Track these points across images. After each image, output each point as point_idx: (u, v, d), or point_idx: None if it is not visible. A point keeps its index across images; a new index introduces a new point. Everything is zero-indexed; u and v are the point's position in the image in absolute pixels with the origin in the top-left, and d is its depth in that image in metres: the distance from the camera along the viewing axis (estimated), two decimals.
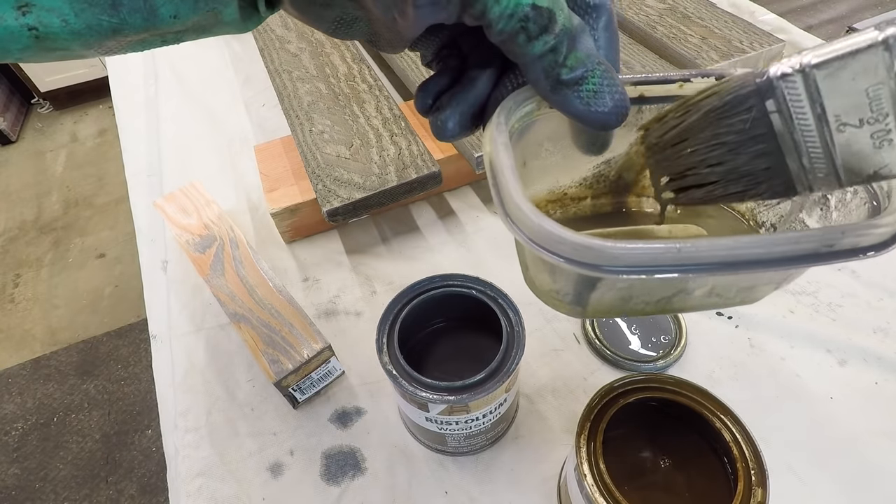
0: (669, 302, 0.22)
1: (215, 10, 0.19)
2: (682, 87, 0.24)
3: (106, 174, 1.94)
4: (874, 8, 0.81)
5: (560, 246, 0.18)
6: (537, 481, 0.38)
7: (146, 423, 1.28)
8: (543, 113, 0.24)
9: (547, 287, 0.23)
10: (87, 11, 0.17)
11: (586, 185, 0.28)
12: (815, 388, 0.41)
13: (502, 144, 0.21)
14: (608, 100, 0.20)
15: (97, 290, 1.57)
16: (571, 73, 0.20)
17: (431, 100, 0.24)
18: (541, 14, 0.19)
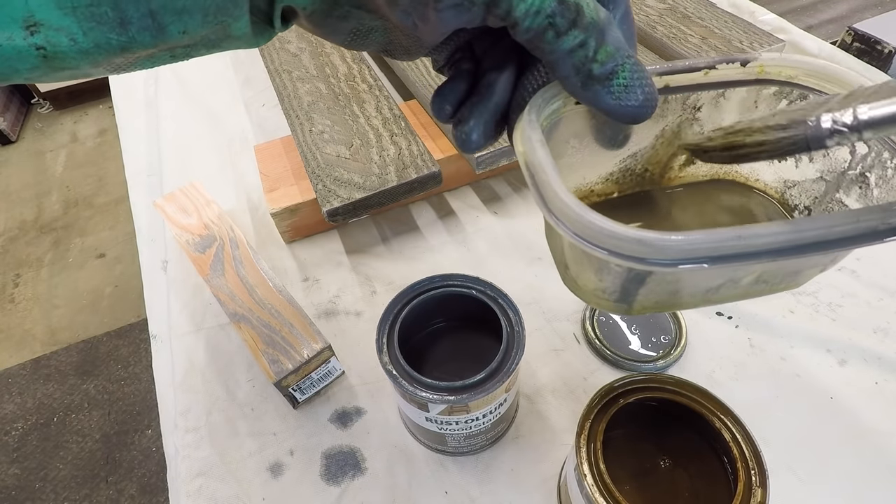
0: (716, 292, 0.22)
1: (224, 23, 0.19)
2: (707, 75, 0.24)
3: (106, 174, 1.94)
4: (874, 8, 0.81)
5: (612, 241, 0.17)
6: (537, 481, 0.38)
7: (146, 423, 1.28)
8: (569, 109, 0.23)
9: (592, 286, 0.22)
10: (96, 30, 0.17)
11: (612, 181, 0.28)
12: (815, 388, 0.41)
13: (538, 141, 0.20)
14: (639, 93, 0.19)
15: (97, 290, 1.57)
16: (602, 68, 0.19)
17: (450, 107, 0.23)
18: (568, 8, 0.18)
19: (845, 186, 0.24)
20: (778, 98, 0.25)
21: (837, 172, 0.24)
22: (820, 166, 0.25)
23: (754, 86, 0.24)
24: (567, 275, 0.24)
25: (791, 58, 0.23)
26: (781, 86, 0.24)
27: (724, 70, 0.24)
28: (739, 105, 0.26)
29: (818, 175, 0.25)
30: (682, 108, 0.26)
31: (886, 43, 0.65)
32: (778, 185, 0.27)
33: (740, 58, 0.24)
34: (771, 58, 0.24)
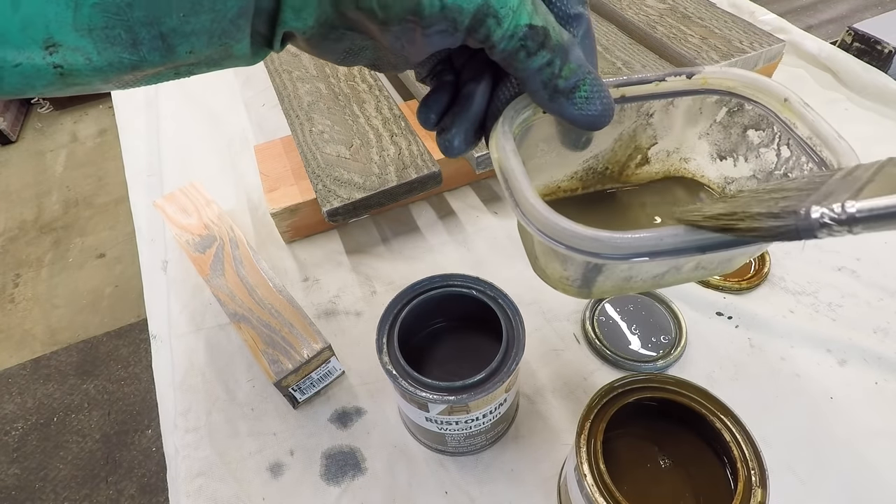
0: (663, 278, 0.25)
1: (227, 45, 0.20)
2: (658, 86, 0.27)
3: (106, 174, 1.94)
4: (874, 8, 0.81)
5: (573, 239, 0.20)
6: (537, 481, 0.38)
7: (146, 423, 1.28)
8: (538, 118, 0.26)
9: (557, 275, 0.25)
10: (110, 50, 0.18)
11: (577, 178, 0.31)
12: (815, 388, 0.41)
13: (511, 150, 0.23)
14: (598, 104, 0.22)
15: (97, 290, 1.57)
16: (566, 83, 0.22)
17: (434, 116, 0.26)
18: (537, 32, 0.21)
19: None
20: (719, 105, 0.28)
21: (766, 172, 0.27)
22: (753, 166, 0.28)
23: (698, 95, 0.28)
24: (537, 265, 0.27)
25: (730, 71, 0.27)
26: (722, 95, 0.27)
27: (672, 82, 0.27)
28: (686, 112, 0.29)
29: (751, 174, 0.28)
30: (637, 115, 0.29)
31: (886, 43, 0.65)
32: (719, 180, 0.30)
33: (686, 71, 0.27)
34: (712, 71, 0.27)
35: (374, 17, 0.21)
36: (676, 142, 0.31)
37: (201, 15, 0.19)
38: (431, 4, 0.20)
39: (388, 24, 0.21)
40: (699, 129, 0.30)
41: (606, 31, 0.63)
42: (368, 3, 0.20)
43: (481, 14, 0.20)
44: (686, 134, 0.30)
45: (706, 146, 0.30)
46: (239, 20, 0.20)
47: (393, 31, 0.21)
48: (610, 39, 0.62)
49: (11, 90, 0.18)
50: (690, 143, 0.30)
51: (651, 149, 0.31)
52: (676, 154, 0.31)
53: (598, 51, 0.26)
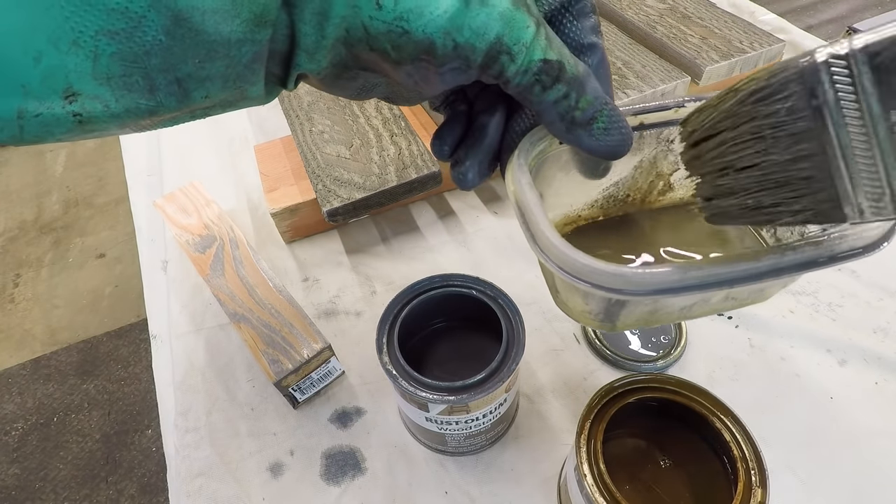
0: (690, 310, 0.24)
1: (242, 88, 0.21)
2: (677, 112, 0.27)
3: (106, 174, 1.94)
4: (874, 8, 0.81)
5: (593, 275, 0.20)
6: (537, 481, 0.38)
7: (146, 423, 1.28)
8: (555, 149, 0.26)
9: (579, 308, 0.25)
10: (127, 97, 0.18)
11: (598, 207, 0.31)
12: (815, 388, 0.41)
13: (527, 184, 0.23)
14: (616, 134, 0.22)
15: (97, 290, 1.57)
16: (584, 115, 0.22)
17: (448, 148, 0.26)
18: (552, 66, 0.21)
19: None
20: None
21: None
22: None
23: None
24: (558, 298, 0.26)
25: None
26: None
27: (691, 107, 0.26)
28: None
29: None
30: (657, 142, 0.29)
31: None
32: None
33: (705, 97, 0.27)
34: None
35: (387, 57, 0.21)
36: None
37: (216, 61, 0.19)
38: (444, 44, 0.20)
39: (402, 63, 0.21)
40: None
41: (606, 31, 0.63)
42: (382, 44, 0.20)
43: (494, 51, 0.20)
44: None
45: None
46: (253, 65, 0.20)
47: (406, 70, 0.21)
48: (610, 39, 0.62)
49: (31, 138, 0.18)
50: None
51: (674, 175, 0.30)
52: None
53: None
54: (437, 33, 0.20)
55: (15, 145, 0.19)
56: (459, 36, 0.20)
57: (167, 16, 0.17)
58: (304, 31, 0.20)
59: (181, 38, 0.18)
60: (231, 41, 0.19)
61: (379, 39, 0.20)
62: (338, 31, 0.20)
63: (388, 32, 0.20)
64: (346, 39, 0.21)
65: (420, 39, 0.20)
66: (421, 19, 0.20)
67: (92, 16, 0.16)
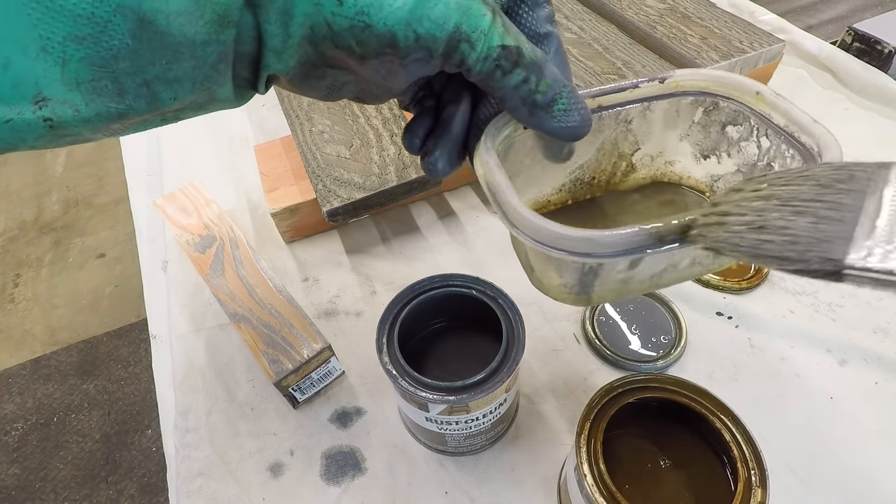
0: (661, 277, 0.25)
1: (210, 90, 0.21)
2: (633, 92, 0.28)
3: (106, 174, 1.94)
4: (874, 8, 0.81)
5: (565, 241, 0.20)
6: (537, 481, 0.38)
7: (146, 423, 1.28)
8: (520, 134, 0.27)
9: (555, 283, 0.25)
10: (97, 101, 0.18)
11: (566, 191, 0.32)
12: (815, 388, 0.41)
13: (495, 165, 0.24)
14: (576, 115, 0.23)
15: (97, 290, 1.57)
16: (544, 97, 0.23)
17: (418, 140, 0.27)
18: (510, 51, 0.22)
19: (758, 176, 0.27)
20: (695, 106, 0.29)
21: (750, 164, 0.28)
22: (736, 160, 0.29)
23: (673, 98, 0.28)
24: (533, 276, 0.27)
25: (699, 72, 0.28)
26: (696, 96, 0.28)
27: (646, 87, 0.28)
28: (664, 115, 0.29)
29: (736, 168, 0.29)
30: (616, 123, 0.30)
31: (886, 43, 0.65)
32: (707, 179, 0.31)
33: (658, 76, 0.28)
34: (683, 73, 0.28)
35: (352, 53, 0.21)
36: (659, 146, 0.31)
37: (183, 62, 0.19)
38: (406, 36, 0.21)
39: (367, 58, 0.22)
40: (679, 130, 0.30)
41: (606, 31, 0.63)
42: (346, 40, 0.21)
43: (454, 40, 0.21)
44: (666, 137, 0.31)
45: (688, 147, 0.31)
46: (219, 65, 0.20)
47: (372, 65, 0.22)
48: (610, 39, 0.62)
49: (3, 145, 0.18)
50: (672, 145, 0.31)
51: (634, 155, 0.31)
52: (661, 158, 0.32)
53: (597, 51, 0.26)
54: (398, 25, 0.20)
55: None
56: (420, 27, 0.20)
57: (132, 20, 0.17)
58: (269, 31, 0.21)
59: (147, 41, 0.18)
60: (196, 42, 0.19)
61: (342, 35, 0.21)
62: (302, 29, 0.21)
63: (351, 28, 0.20)
64: (311, 37, 0.21)
65: (382, 33, 0.20)
66: (381, 12, 0.20)
67: (59, 22, 0.17)
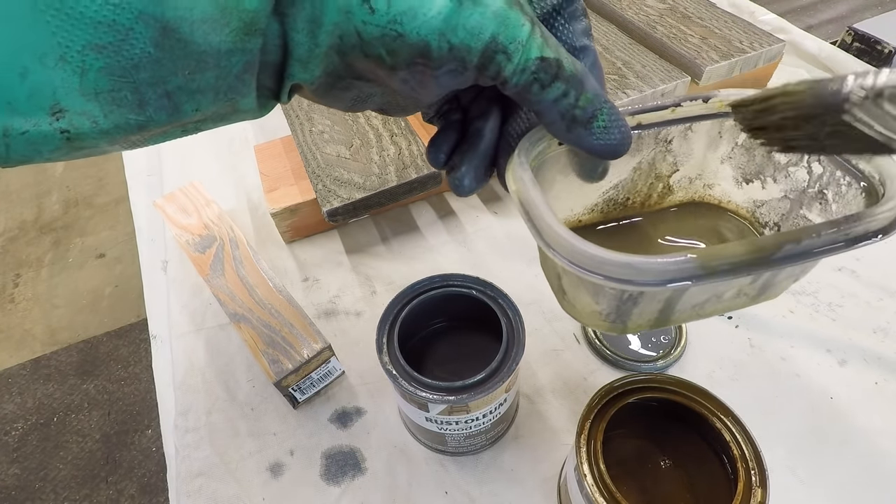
0: (703, 307, 0.24)
1: (233, 101, 0.20)
2: (674, 112, 0.27)
3: (106, 174, 1.94)
4: (874, 8, 0.81)
5: (605, 266, 0.19)
6: (537, 481, 0.38)
7: (146, 423, 1.28)
8: (553, 151, 0.25)
9: (589, 309, 0.24)
10: (116, 112, 0.18)
11: (598, 211, 0.30)
12: (815, 388, 0.41)
13: (530, 181, 0.22)
14: (616, 133, 0.22)
15: (97, 290, 1.57)
16: (584, 113, 0.21)
17: (444, 155, 0.26)
18: (549, 64, 0.20)
19: (807, 203, 0.26)
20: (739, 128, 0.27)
21: (799, 191, 0.26)
22: (783, 186, 0.27)
23: (716, 119, 0.27)
24: (565, 300, 0.26)
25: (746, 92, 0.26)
26: None
27: (689, 107, 0.27)
28: (706, 136, 0.28)
29: (783, 194, 0.27)
30: (654, 143, 0.28)
31: (886, 43, 0.65)
32: (748, 205, 0.29)
33: (702, 96, 0.27)
34: (728, 93, 0.26)
35: (382, 63, 0.20)
36: (698, 168, 0.30)
37: (206, 72, 0.18)
38: (440, 46, 0.20)
39: (397, 69, 0.21)
40: (720, 153, 0.29)
41: (606, 31, 0.63)
42: (376, 49, 0.20)
43: (490, 51, 0.20)
44: (708, 159, 0.29)
45: (729, 170, 0.29)
46: (244, 75, 0.20)
47: (402, 76, 0.21)
48: (610, 39, 0.62)
49: (19, 157, 0.18)
50: (713, 168, 0.30)
51: (672, 176, 0.30)
52: (699, 180, 0.30)
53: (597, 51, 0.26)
54: (432, 35, 0.19)
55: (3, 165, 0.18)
56: (454, 37, 0.19)
57: (155, 27, 0.17)
58: (296, 40, 0.20)
59: (170, 50, 0.17)
60: (221, 51, 0.18)
61: (373, 45, 0.20)
62: (331, 38, 0.20)
63: (383, 37, 0.19)
64: (340, 47, 0.20)
65: (415, 42, 0.19)
66: (415, 21, 0.19)
67: (79, 30, 0.16)
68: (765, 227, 0.29)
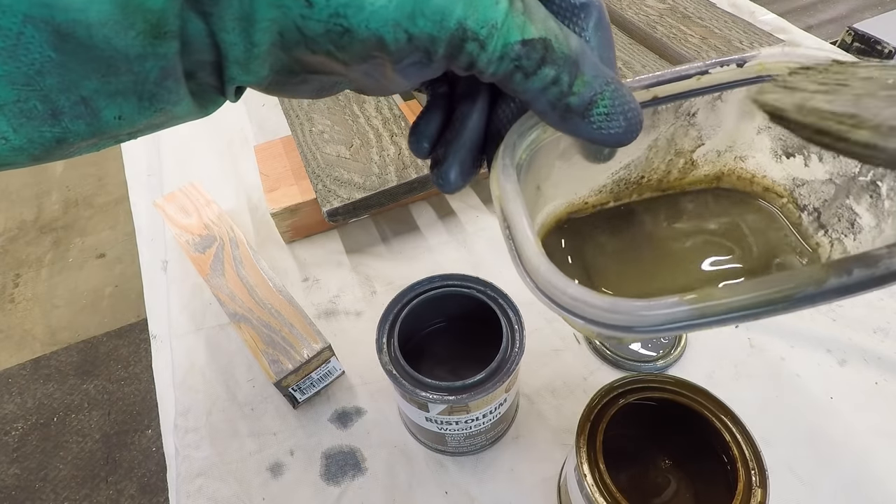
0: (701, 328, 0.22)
1: (164, 109, 0.18)
2: (699, 80, 0.23)
3: (106, 174, 1.94)
4: (874, 8, 0.81)
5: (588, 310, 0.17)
6: (537, 481, 0.38)
7: (146, 423, 1.28)
8: (549, 136, 0.22)
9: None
10: (27, 125, 0.16)
11: (607, 192, 0.27)
12: (815, 388, 0.41)
13: (512, 191, 0.19)
14: (621, 120, 0.19)
15: (97, 290, 1.57)
16: (580, 100, 0.19)
17: (427, 144, 0.23)
18: (534, 47, 0.18)
19: (855, 193, 0.23)
20: None
21: (848, 176, 0.23)
22: (830, 168, 0.24)
23: (754, 84, 0.23)
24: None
25: (794, 52, 0.22)
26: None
27: (718, 73, 0.23)
28: (739, 105, 0.25)
29: (828, 177, 0.24)
30: (674, 117, 0.25)
31: (886, 43, 0.65)
32: (787, 182, 0.26)
33: (736, 59, 0.23)
34: (770, 54, 0.23)
35: (334, 58, 0.18)
36: (729, 140, 0.26)
37: (121, 76, 0.16)
38: (396, 38, 0.17)
39: (352, 63, 0.18)
40: (757, 122, 0.25)
41: None
42: (323, 45, 0.17)
43: (458, 39, 0.17)
44: (741, 130, 0.25)
45: (767, 141, 0.25)
46: (165, 82, 0.17)
47: (360, 70, 0.19)
48: None
49: None
50: (747, 139, 0.26)
51: (696, 151, 0.26)
52: (730, 153, 0.27)
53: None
54: (385, 27, 0.17)
55: None
56: (412, 26, 0.17)
57: (47, 31, 0.14)
58: (227, 41, 0.17)
59: (73, 53, 0.15)
60: (130, 56, 0.16)
61: (318, 41, 0.17)
62: (270, 35, 0.17)
63: (327, 32, 0.17)
64: (283, 44, 0.17)
65: (365, 37, 0.17)
66: (361, 13, 0.16)
67: None
68: (803, 211, 0.26)
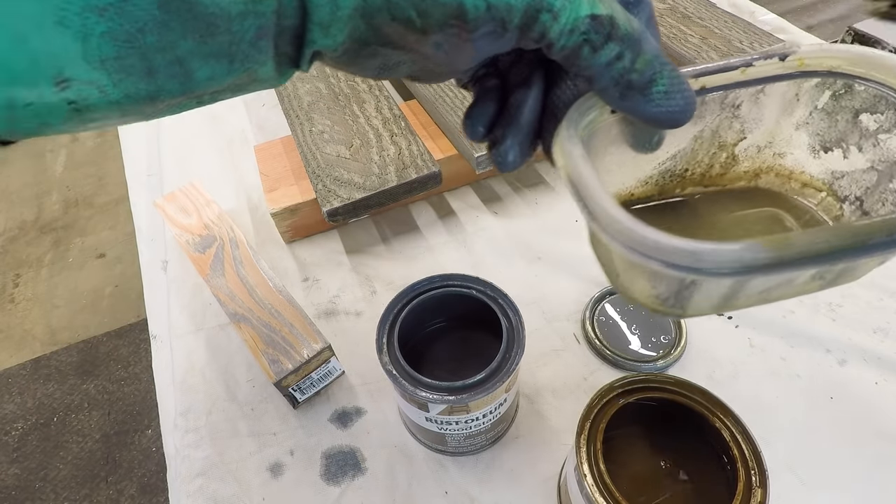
0: (770, 293, 0.22)
1: (250, 69, 0.19)
2: (744, 73, 0.24)
3: (106, 174, 1.94)
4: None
5: (665, 253, 0.17)
6: (537, 481, 0.38)
7: (146, 423, 1.28)
8: (605, 120, 0.23)
9: (645, 293, 0.22)
10: (125, 81, 0.17)
11: (653, 184, 0.28)
12: (815, 388, 0.41)
13: (580, 156, 0.20)
14: (679, 98, 0.20)
15: (97, 290, 1.57)
16: (641, 77, 0.19)
17: (483, 128, 0.24)
18: (601, 23, 0.18)
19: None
20: (820, 89, 0.25)
21: (890, 161, 0.23)
22: (870, 156, 0.24)
23: (795, 79, 0.24)
24: (618, 281, 0.24)
25: (832, 48, 0.23)
26: (824, 77, 0.24)
27: (761, 66, 0.24)
28: (781, 99, 0.25)
29: (869, 165, 0.24)
30: (720, 108, 0.26)
31: (886, 43, 0.65)
32: (825, 176, 0.26)
33: (778, 52, 0.24)
34: (810, 50, 0.24)
35: (412, 26, 0.19)
36: (768, 135, 0.27)
37: (218, 36, 0.17)
38: (476, 6, 0.18)
39: (429, 32, 0.19)
40: (796, 118, 0.26)
41: None
42: (405, 11, 0.18)
43: (533, 10, 0.18)
44: (780, 125, 0.26)
45: (805, 137, 0.26)
46: (259, 42, 0.18)
47: (434, 40, 0.19)
48: None
49: (28, 129, 0.17)
50: (786, 135, 0.27)
51: (738, 145, 0.27)
52: (769, 149, 0.27)
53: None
54: None
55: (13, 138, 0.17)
56: None
57: None
58: (316, 2, 0.18)
59: (176, 12, 0.16)
60: (231, 14, 0.17)
61: (401, 6, 0.18)
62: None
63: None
64: (365, 9, 0.18)
65: (448, 2, 0.18)
66: None
67: None
68: (844, 202, 0.26)
